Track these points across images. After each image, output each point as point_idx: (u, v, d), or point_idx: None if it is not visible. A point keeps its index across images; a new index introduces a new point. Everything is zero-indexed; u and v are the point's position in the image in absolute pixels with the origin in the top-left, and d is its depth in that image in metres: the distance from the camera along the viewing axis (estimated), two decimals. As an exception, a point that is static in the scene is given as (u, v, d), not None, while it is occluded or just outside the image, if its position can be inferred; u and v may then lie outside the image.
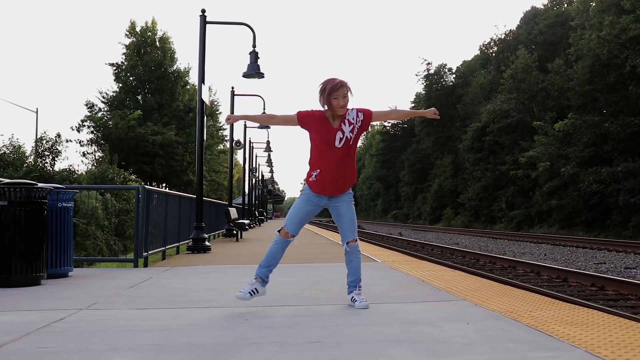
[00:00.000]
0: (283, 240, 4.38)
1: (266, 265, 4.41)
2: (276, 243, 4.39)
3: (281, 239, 4.38)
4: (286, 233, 4.37)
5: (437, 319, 3.78)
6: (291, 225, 4.37)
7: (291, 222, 4.38)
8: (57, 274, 6.65)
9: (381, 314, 4.05)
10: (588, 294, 8.89)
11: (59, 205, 6.71)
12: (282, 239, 4.38)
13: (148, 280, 6.42)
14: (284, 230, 4.37)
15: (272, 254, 4.40)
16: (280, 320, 3.87)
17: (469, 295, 4.83)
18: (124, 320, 3.88)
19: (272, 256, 4.41)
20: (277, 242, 4.39)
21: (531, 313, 3.90)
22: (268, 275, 4.44)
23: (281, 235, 4.38)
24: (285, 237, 4.38)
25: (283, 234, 4.38)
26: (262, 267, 4.41)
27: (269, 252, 4.41)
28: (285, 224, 4.39)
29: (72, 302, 4.77)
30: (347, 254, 4.43)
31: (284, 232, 4.37)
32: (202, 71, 11.13)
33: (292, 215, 4.41)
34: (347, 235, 4.41)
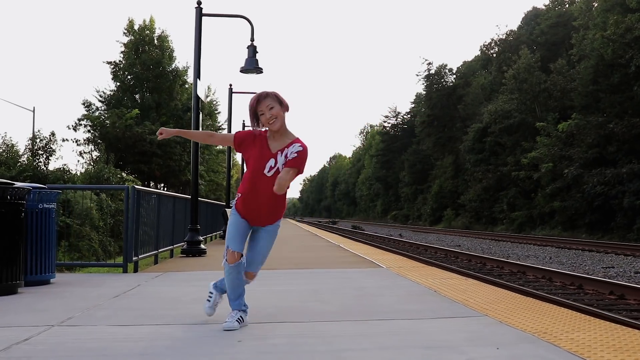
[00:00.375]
0: (234, 266, 3.76)
1: (236, 297, 3.87)
2: (229, 273, 3.79)
3: (231, 266, 3.76)
4: (232, 254, 3.74)
5: (460, 340, 3.27)
6: (234, 244, 3.76)
7: (233, 240, 3.78)
8: (37, 281, 6.13)
9: (394, 334, 3.53)
10: (608, 303, 8.37)
11: (39, 207, 6.20)
12: (232, 265, 3.75)
13: (135, 289, 5.90)
14: (230, 252, 3.75)
15: (233, 285, 3.83)
16: (279, 341, 3.36)
17: (490, 309, 4.32)
18: (99, 342, 3.37)
19: (235, 286, 3.84)
20: (230, 271, 3.78)
21: (568, 334, 3.38)
22: (244, 302, 3.91)
23: (229, 261, 3.76)
24: (234, 261, 3.74)
25: (230, 258, 3.75)
26: (232, 300, 3.87)
27: (229, 285, 3.84)
28: (228, 245, 3.78)
29: (45, 316, 4.26)
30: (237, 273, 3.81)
31: (230, 255, 3.75)
32: (197, 66, 10.62)
33: (230, 233, 3.82)
34: (251, 265, 3.87)
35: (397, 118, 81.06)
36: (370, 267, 8.17)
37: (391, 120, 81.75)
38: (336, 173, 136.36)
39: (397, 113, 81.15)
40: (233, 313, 3.83)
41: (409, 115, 78.03)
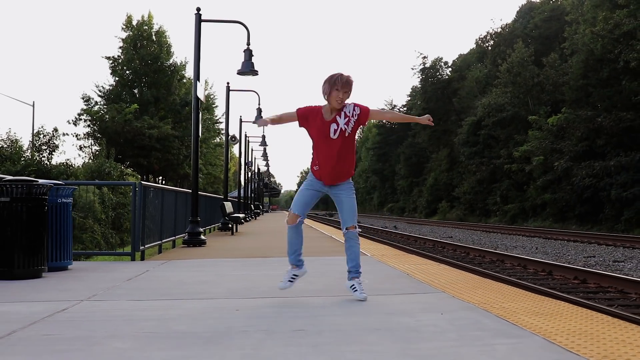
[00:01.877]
0: (294, 225, 4.66)
1: (292, 252, 4.74)
2: (289, 230, 4.69)
3: (290, 227, 4.67)
4: (293, 216, 4.64)
5: (415, 310, 4.06)
6: (295, 207, 4.66)
7: (295, 205, 4.67)
8: (57, 267, 6.91)
9: (363, 305, 4.32)
10: (570, 287, 9.19)
11: (58, 201, 6.97)
12: (290, 225, 4.66)
13: (145, 274, 6.68)
14: (291, 214, 4.65)
15: (291, 241, 4.71)
16: (269, 310, 4.15)
17: (448, 287, 5.11)
18: (123, 311, 4.15)
19: (293, 242, 4.72)
20: (290, 228, 4.68)
21: (502, 304, 4.18)
22: (299, 259, 4.76)
23: (288, 222, 4.66)
24: (293, 222, 4.65)
25: (290, 219, 4.65)
26: (289, 254, 4.75)
27: (288, 241, 4.72)
28: (291, 208, 4.68)
29: (73, 294, 5.03)
30: (347, 240, 4.69)
31: (290, 217, 4.65)
32: (197, 69, 11.34)
33: (296, 199, 4.69)
34: (347, 221, 4.63)
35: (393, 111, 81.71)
36: (357, 255, 8.94)
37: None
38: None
39: (393, 106, 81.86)
40: (288, 272, 4.74)
41: (404, 108, 78.69)
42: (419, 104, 64.66)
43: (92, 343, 3.14)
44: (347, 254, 4.70)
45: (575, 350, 2.83)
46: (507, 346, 2.96)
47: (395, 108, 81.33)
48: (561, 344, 2.95)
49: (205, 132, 49.78)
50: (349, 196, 4.68)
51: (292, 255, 4.73)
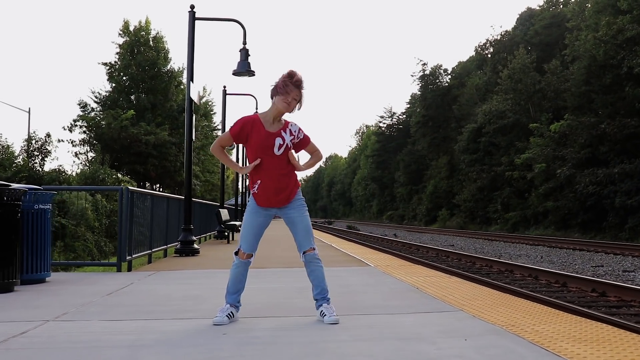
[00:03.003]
0: (243, 262, 4.05)
1: (234, 291, 4.08)
2: (236, 266, 4.06)
3: (241, 262, 4.05)
4: (243, 254, 4.04)
5: (432, 333, 3.47)
6: (246, 245, 4.04)
7: (245, 241, 4.05)
8: (33, 280, 6.32)
9: (372, 327, 3.73)
10: (589, 300, 8.59)
11: (35, 208, 6.38)
12: (242, 261, 4.05)
13: (128, 287, 6.09)
14: (241, 251, 4.04)
15: (236, 277, 4.07)
16: (262, 334, 3.56)
17: (466, 304, 4.52)
18: (91, 335, 3.56)
19: (238, 280, 4.07)
20: (237, 265, 4.06)
21: (534, 327, 3.59)
22: (239, 300, 4.12)
23: (239, 257, 4.05)
24: (244, 259, 4.05)
25: (241, 255, 4.05)
26: (230, 293, 4.07)
27: (232, 277, 4.07)
28: (240, 245, 4.06)
29: (41, 312, 4.44)
30: (307, 264, 4.08)
31: (241, 253, 4.04)
32: (191, 69, 10.80)
33: (244, 233, 4.07)
34: (303, 244, 4.05)
35: (392, 118, 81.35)
36: (359, 265, 8.37)
37: (386, 121, 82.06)
38: (332, 173, 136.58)
39: (392, 113, 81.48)
40: (225, 308, 4.02)
41: (404, 116, 78.31)
42: (418, 111, 64.16)
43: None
44: (311, 280, 4.10)
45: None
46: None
47: (394, 115, 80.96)
48: (624, 384, 2.37)
49: (204, 139, 49.20)
50: (301, 215, 4.08)
51: (234, 294, 4.06)
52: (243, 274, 4.07)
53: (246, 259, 4.05)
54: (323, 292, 4.05)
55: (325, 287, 4.07)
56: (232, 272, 4.07)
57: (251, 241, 4.04)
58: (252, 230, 4.04)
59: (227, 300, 4.06)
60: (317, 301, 4.06)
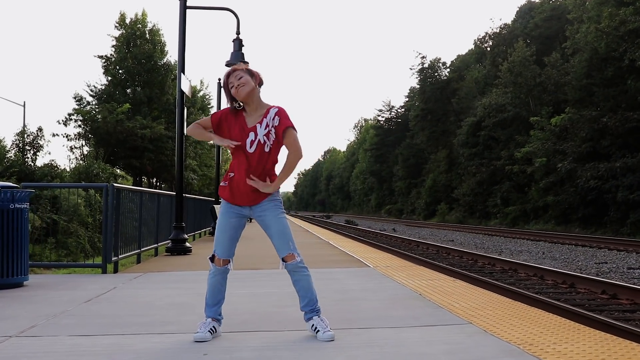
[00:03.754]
0: (220, 269, 3.61)
1: (213, 303, 3.65)
2: (214, 275, 3.62)
3: (218, 269, 3.61)
4: (219, 260, 3.60)
5: (440, 354, 3.07)
6: (221, 250, 3.60)
7: (220, 245, 3.60)
8: (8, 284, 5.91)
9: (372, 346, 3.33)
10: (600, 303, 8.18)
11: (11, 207, 5.96)
12: (219, 268, 3.60)
13: (110, 292, 5.68)
14: (216, 258, 3.60)
15: (214, 288, 3.64)
16: (247, 355, 3.15)
17: (474, 316, 4.12)
18: (54, 356, 3.15)
19: (216, 291, 3.64)
20: (214, 273, 3.62)
21: (556, 346, 3.18)
22: (219, 312, 3.69)
23: (216, 264, 3.61)
24: (221, 266, 3.60)
25: (217, 262, 3.61)
26: (209, 306, 3.65)
27: (210, 288, 3.64)
28: (215, 251, 3.61)
29: (6, 325, 4.03)
30: (290, 274, 3.63)
31: (217, 260, 3.60)
32: (182, 60, 10.37)
33: (218, 237, 3.63)
34: (281, 249, 3.59)
35: (391, 112, 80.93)
36: (358, 266, 7.97)
37: (385, 114, 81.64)
38: (330, 167, 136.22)
39: (391, 107, 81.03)
40: (206, 322, 3.60)
41: (403, 109, 77.89)
42: (417, 104, 63.73)
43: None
44: (296, 289, 3.65)
45: None
46: None
47: (393, 109, 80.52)
48: None
49: (201, 133, 48.74)
50: (275, 216, 3.60)
51: (214, 306, 3.63)
52: (222, 282, 3.63)
53: (223, 266, 3.60)
54: (311, 304, 3.61)
55: (313, 297, 3.63)
56: (209, 282, 3.64)
57: (226, 245, 3.59)
58: (225, 233, 3.59)
59: (207, 314, 3.64)
60: (305, 313, 3.63)
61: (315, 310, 3.61)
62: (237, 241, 3.66)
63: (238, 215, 3.60)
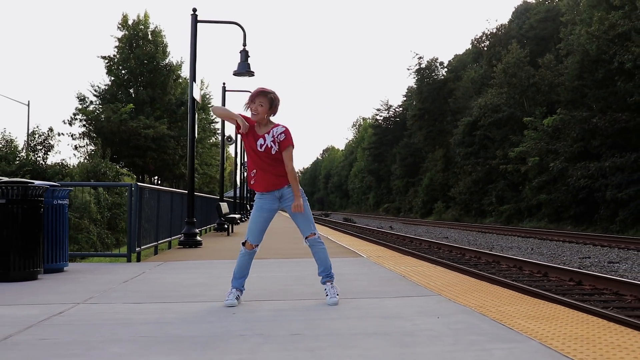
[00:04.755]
0: (249, 252, 4.70)
1: (240, 276, 4.71)
2: (243, 255, 4.70)
3: (247, 251, 4.69)
4: (250, 245, 4.68)
5: (411, 313, 4.07)
6: (252, 237, 4.68)
7: (252, 233, 4.68)
8: (53, 269, 6.90)
9: (360, 308, 4.33)
10: (565, 289, 9.21)
11: (54, 203, 6.95)
12: (248, 250, 4.69)
13: (141, 275, 6.67)
14: (248, 244, 4.68)
15: (242, 265, 4.70)
16: (265, 314, 4.15)
17: (445, 290, 5.12)
18: (120, 314, 4.15)
19: (243, 267, 4.72)
20: (244, 254, 4.69)
21: (499, 308, 4.19)
22: (243, 284, 4.74)
23: (246, 247, 4.69)
24: (250, 249, 4.69)
25: (247, 246, 4.69)
26: (236, 278, 4.70)
27: (239, 264, 4.70)
28: (248, 237, 4.69)
29: (69, 296, 5.03)
30: (310, 247, 4.78)
31: (248, 244, 4.68)
32: (193, 69, 11.32)
33: (251, 227, 4.70)
34: (305, 230, 4.72)
35: (389, 111, 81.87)
36: (353, 256, 8.96)
37: (383, 114, 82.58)
38: (329, 166, 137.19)
39: (389, 106, 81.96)
40: (232, 291, 4.62)
41: (400, 109, 78.84)
42: (414, 104, 64.68)
43: (89, 347, 3.14)
44: (316, 260, 4.80)
45: (571, 355, 2.84)
46: (503, 351, 2.97)
47: (391, 108, 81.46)
48: (557, 349, 2.96)
49: (201, 132, 49.66)
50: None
51: (240, 279, 4.69)
52: (248, 262, 4.72)
53: (252, 249, 4.69)
54: (326, 270, 4.72)
55: (327, 266, 4.73)
56: (239, 260, 4.71)
57: (257, 234, 4.69)
58: (257, 225, 4.68)
59: (234, 284, 4.67)
60: (322, 278, 4.75)
61: (330, 276, 4.72)
62: (265, 231, 4.77)
63: (269, 210, 4.68)
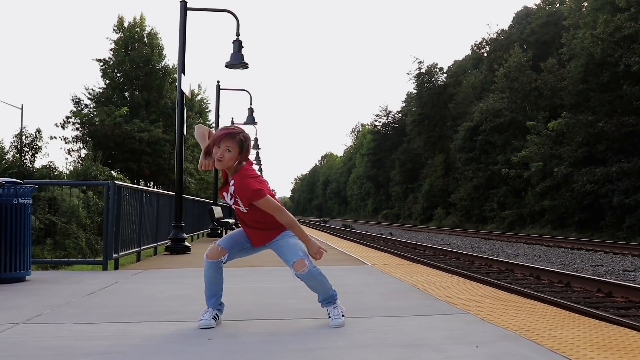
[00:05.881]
0: (214, 262, 3.64)
1: (211, 295, 3.72)
2: (207, 269, 3.67)
3: (209, 261, 3.65)
4: (215, 248, 3.65)
5: (439, 338, 3.15)
6: (224, 241, 3.71)
7: (225, 239, 3.74)
8: (10, 279, 5.97)
9: (372, 331, 3.41)
10: (595, 301, 8.28)
11: (14, 202, 6.03)
12: (211, 261, 3.64)
13: (112, 286, 5.75)
14: (214, 247, 3.66)
15: (210, 281, 3.69)
16: (251, 339, 3.23)
17: (472, 306, 4.20)
18: (62, 340, 3.22)
19: (212, 283, 3.70)
20: (207, 266, 3.67)
21: (551, 332, 3.27)
22: (219, 302, 3.77)
23: (208, 256, 3.65)
24: (212, 257, 3.64)
25: (211, 253, 3.64)
26: (208, 298, 3.73)
27: (206, 281, 3.71)
28: (220, 243, 3.70)
29: (12, 313, 4.10)
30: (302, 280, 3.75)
31: (213, 250, 3.65)
32: (182, 61, 10.46)
33: (226, 236, 3.79)
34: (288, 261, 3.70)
35: (388, 117, 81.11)
36: (356, 264, 8.05)
37: (382, 119, 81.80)
38: (327, 172, 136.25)
39: (388, 112, 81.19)
40: (209, 310, 3.69)
41: (400, 114, 78.04)
42: (414, 109, 63.87)
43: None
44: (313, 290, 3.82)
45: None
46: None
47: (390, 114, 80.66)
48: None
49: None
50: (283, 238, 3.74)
51: (213, 298, 3.71)
52: (216, 275, 3.68)
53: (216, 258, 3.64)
54: (326, 298, 3.78)
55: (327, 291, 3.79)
56: (205, 277, 3.70)
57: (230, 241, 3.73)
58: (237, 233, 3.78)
59: (208, 304, 3.73)
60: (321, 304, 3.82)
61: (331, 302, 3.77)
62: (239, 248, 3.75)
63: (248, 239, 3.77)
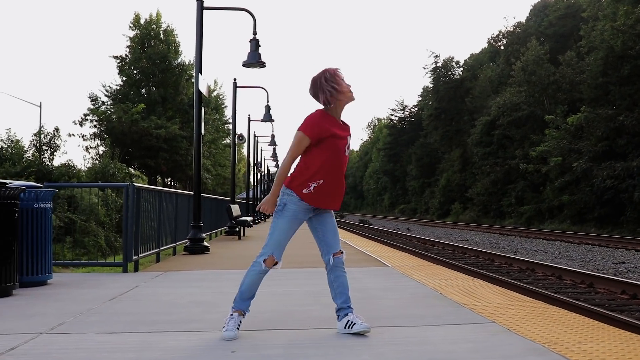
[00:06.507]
0: (268, 269, 3.64)
1: (248, 297, 3.68)
2: (259, 273, 3.64)
3: (266, 269, 3.63)
4: (273, 261, 3.62)
5: (465, 352, 3.09)
6: (279, 253, 3.65)
7: (278, 246, 3.65)
8: (33, 282, 5.99)
9: (395, 343, 3.36)
10: (620, 303, 8.14)
11: (35, 206, 6.05)
12: (268, 268, 3.62)
13: (133, 290, 5.75)
14: (271, 258, 3.61)
15: (253, 284, 3.66)
16: (274, 352, 3.19)
17: (497, 314, 4.13)
18: (85, 351, 3.21)
19: (254, 286, 3.67)
20: (261, 272, 3.63)
21: (580, 345, 3.19)
22: (249, 306, 3.73)
23: (267, 264, 3.61)
24: (271, 267, 3.63)
25: (270, 262, 3.61)
26: (243, 299, 3.67)
27: (249, 283, 3.65)
28: (273, 252, 3.62)
29: (36, 321, 4.10)
30: (333, 269, 3.66)
31: (271, 260, 3.62)
32: (199, 60, 10.44)
33: (278, 239, 3.65)
34: (334, 245, 3.68)
35: (404, 111, 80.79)
36: (376, 265, 7.99)
37: (398, 114, 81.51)
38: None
39: (404, 106, 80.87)
40: (234, 317, 3.60)
41: (416, 109, 77.69)
42: (430, 103, 63.54)
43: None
44: (334, 287, 3.68)
45: None
46: None
47: (406, 108, 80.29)
48: None
49: (215, 132, 48.92)
50: (331, 214, 3.77)
51: (248, 300, 3.67)
52: (261, 280, 3.69)
53: (272, 267, 3.64)
54: (348, 301, 3.68)
55: (349, 294, 3.70)
56: (252, 277, 3.64)
57: (283, 247, 3.67)
58: (287, 238, 3.66)
59: (240, 306, 3.65)
60: (342, 309, 3.67)
61: (351, 307, 3.69)
62: None
63: (301, 222, 3.67)
